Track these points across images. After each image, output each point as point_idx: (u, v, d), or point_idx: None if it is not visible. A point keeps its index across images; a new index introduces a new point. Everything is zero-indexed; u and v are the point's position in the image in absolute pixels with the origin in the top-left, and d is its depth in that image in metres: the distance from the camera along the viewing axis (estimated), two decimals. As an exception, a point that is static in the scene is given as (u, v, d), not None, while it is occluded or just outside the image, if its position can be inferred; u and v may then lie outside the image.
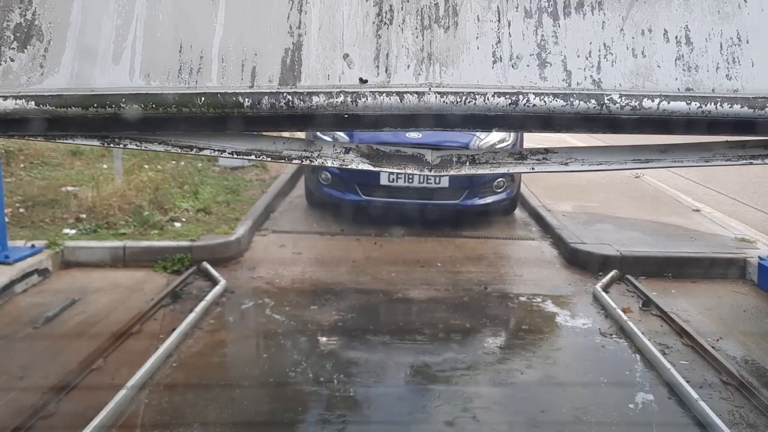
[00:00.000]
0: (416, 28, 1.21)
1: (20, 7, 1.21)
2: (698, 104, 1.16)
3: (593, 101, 1.16)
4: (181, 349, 3.87)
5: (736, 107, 1.17)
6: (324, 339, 4.21)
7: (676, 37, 1.20)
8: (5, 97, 1.18)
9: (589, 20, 1.21)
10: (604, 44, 1.20)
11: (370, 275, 5.28)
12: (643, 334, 4.15)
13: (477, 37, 1.21)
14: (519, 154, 1.43)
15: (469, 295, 4.95)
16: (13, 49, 1.21)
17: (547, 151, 1.43)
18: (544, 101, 1.16)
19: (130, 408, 3.21)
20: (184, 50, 1.21)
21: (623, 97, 1.16)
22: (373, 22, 1.22)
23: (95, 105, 1.19)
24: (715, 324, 4.50)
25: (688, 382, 3.52)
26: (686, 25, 1.21)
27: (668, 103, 1.16)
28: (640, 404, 3.45)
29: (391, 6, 1.22)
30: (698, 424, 3.20)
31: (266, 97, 1.18)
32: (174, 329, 4.01)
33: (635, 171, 8.22)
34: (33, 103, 1.18)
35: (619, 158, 1.43)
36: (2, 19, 1.21)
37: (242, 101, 1.18)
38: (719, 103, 1.17)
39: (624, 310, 4.58)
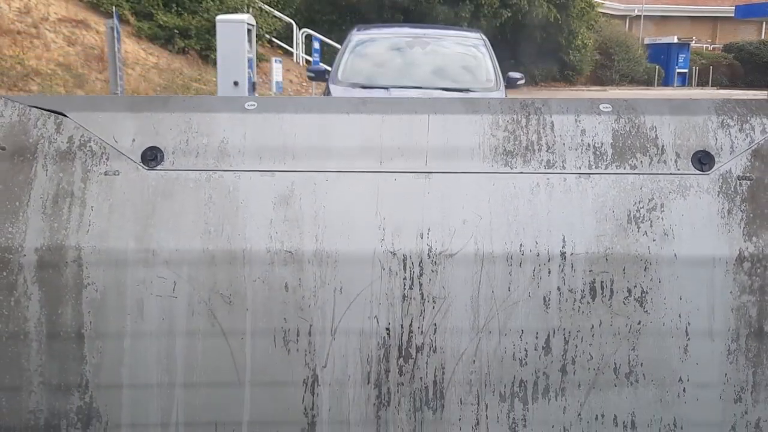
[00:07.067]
0: (409, 410, 1.36)
1: (78, 391, 1.34)
2: None
3: None
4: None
5: None
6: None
7: (624, 422, 1.36)
8: None
9: (553, 405, 1.36)
10: (564, 428, 1.35)
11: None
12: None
13: (459, 419, 1.36)
14: None
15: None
16: (78, 429, 1.33)
17: None
18: None
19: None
20: (218, 428, 1.34)
21: None
22: (374, 404, 1.36)
23: None
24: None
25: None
26: (633, 411, 1.35)
27: None
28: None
29: (389, 389, 1.37)
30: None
31: None
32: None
33: None
34: None
35: None
36: (65, 401, 1.34)
37: None
38: None
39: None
